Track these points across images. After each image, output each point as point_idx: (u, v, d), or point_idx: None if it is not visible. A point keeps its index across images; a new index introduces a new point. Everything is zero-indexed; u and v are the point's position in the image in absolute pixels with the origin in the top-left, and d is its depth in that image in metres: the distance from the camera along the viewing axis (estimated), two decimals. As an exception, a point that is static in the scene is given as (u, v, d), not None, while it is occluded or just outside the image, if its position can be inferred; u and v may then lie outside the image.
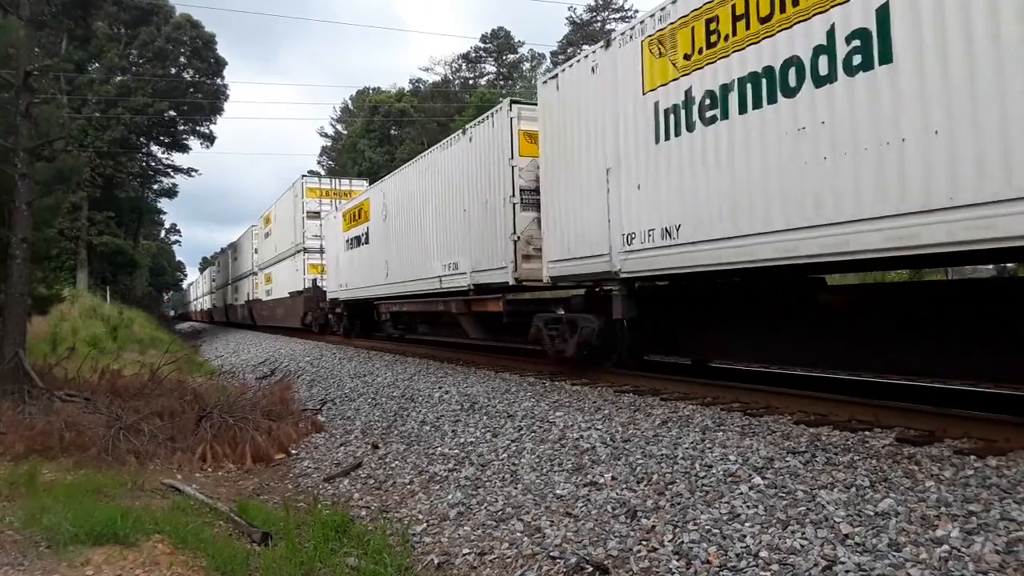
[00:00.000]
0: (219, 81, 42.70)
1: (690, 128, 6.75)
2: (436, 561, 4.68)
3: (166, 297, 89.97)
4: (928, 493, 3.93)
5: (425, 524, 5.36)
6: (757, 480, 4.53)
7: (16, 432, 7.37)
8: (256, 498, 6.52)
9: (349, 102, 66.52)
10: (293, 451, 8.36)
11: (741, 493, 4.41)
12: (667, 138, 7.02)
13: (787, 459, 4.77)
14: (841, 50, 5.27)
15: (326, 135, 69.60)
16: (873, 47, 5.06)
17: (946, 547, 3.36)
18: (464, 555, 4.68)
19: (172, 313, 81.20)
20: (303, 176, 26.68)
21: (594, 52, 8.29)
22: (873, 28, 5.04)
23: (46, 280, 12.05)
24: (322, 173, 51.46)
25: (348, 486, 6.74)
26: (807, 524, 3.85)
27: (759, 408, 6.47)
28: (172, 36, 39.06)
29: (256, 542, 5.00)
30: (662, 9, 7.14)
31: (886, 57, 4.98)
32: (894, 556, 3.38)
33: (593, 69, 8.20)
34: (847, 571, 3.36)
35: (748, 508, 4.20)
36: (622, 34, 7.80)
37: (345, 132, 65.78)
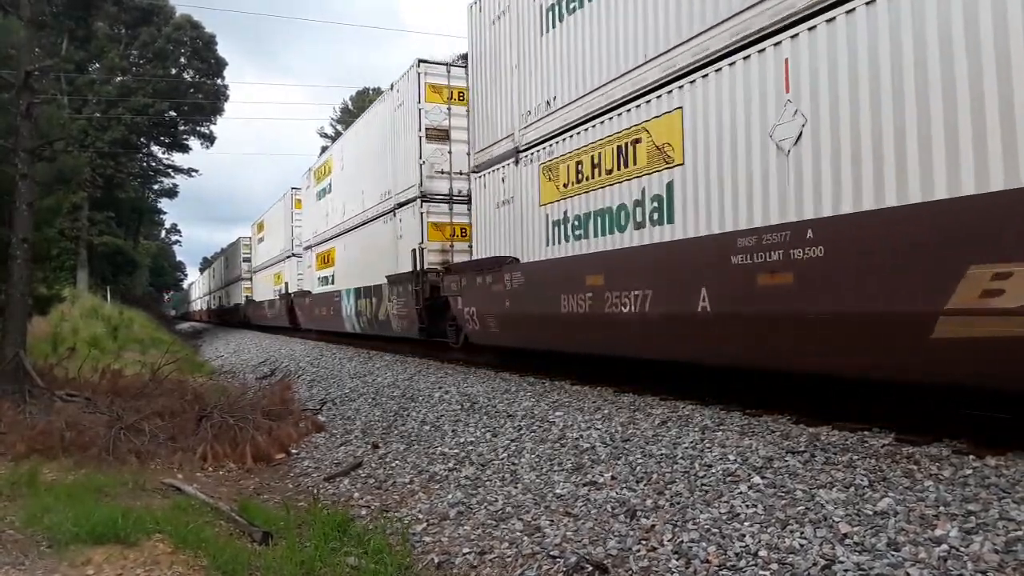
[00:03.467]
0: (219, 81, 42.76)
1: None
2: (436, 560, 4.69)
3: (166, 297, 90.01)
4: (927, 492, 3.94)
5: (425, 523, 5.37)
6: (756, 480, 4.54)
7: (17, 432, 7.38)
8: (257, 498, 6.53)
9: (349, 102, 66.47)
10: (293, 451, 8.37)
11: (740, 492, 4.42)
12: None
13: (786, 459, 4.78)
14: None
15: (326, 135, 69.60)
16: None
17: (945, 546, 3.37)
18: (464, 554, 4.69)
19: (173, 313, 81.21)
20: None
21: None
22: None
23: (47, 280, 12.07)
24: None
25: (348, 486, 6.75)
26: (806, 523, 3.86)
27: (758, 408, 6.47)
28: (172, 37, 39.07)
29: (257, 541, 5.00)
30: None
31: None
32: (893, 555, 3.39)
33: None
34: (846, 570, 3.36)
35: (747, 507, 4.21)
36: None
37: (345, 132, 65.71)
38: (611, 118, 7.85)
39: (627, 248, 7.57)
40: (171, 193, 52.80)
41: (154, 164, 46.93)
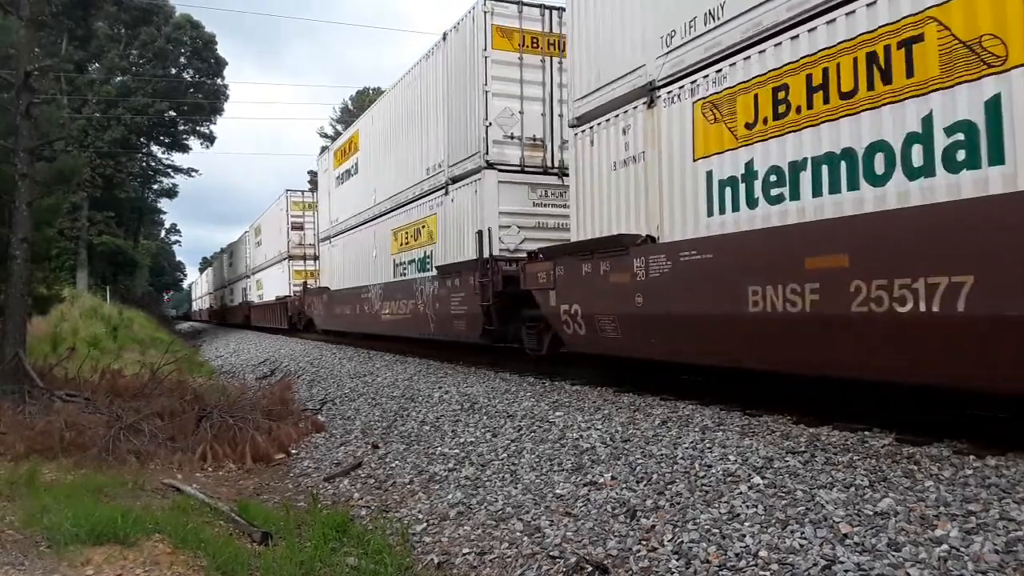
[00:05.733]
0: (219, 81, 42.79)
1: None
2: (436, 561, 4.69)
3: (166, 297, 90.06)
4: (927, 493, 3.93)
5: (425, 524, 5.37)
6: (756, 480, 4.54)
7: (17, 432, 7.37)
8: (256, 498, 6.53)
9: (349, 102, 66.48)
10: (293, 451, 8.37)
11: (740, 493, 4.41)
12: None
13: (786, 459, 4.77)
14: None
15: (326, 135, 69.63)
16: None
17: (945, 547, 3.36)
18: (464, 555, 4.69)
19: (174, 313, 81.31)
20: None
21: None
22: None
23: (46, 280, 12.06)
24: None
25: (348, 486, 6.74)
26: (806, 524, 3.85)
27: (759, 408, 6.47)
28: (172, 36, 39.10)
29: (256, 542, 5.00)
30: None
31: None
32: (893, 556, 3.38)
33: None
34: (846, 571, 3.36)
35: (747, 508, 4.20)
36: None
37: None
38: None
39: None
40: (171, 193, 52.86)
41: (154, 164, 46.99)
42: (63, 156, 13.50)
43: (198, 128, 44.28)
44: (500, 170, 11.00)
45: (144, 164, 45.46)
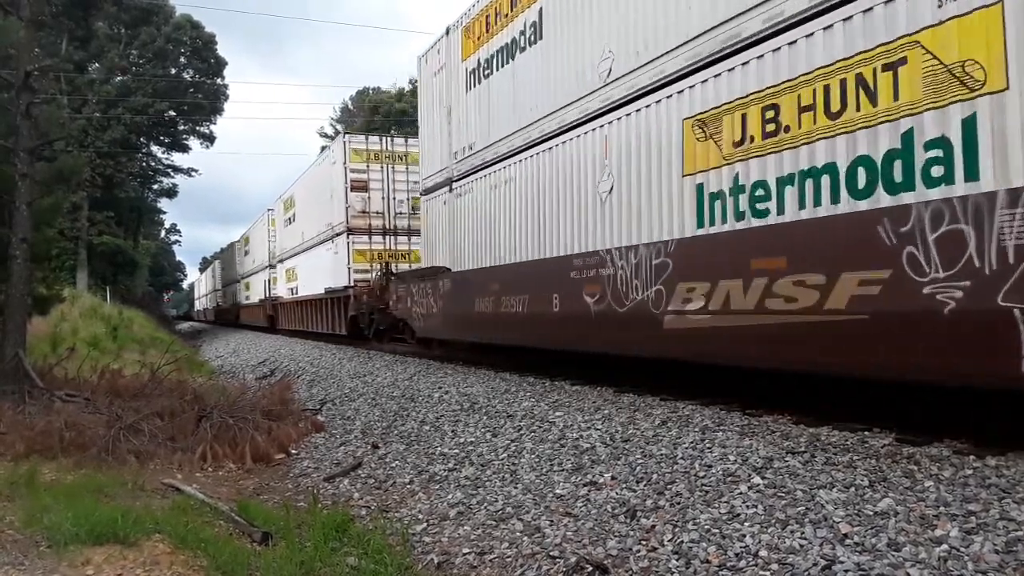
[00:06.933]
0: (219, 81, 42.80)
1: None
2: (436, 561, 4.69)
3: (166, 297, 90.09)
4: (927, 493, 3.94)
5: (425, 524, 5.37)
6: (756, 480, 4.54)
7: (17, 432, 7.38)
8: (256, 498, 6.53)
9: (349, 102, 66.50)
10: (293, 451, 8.37)
11: (740, 493, 4.41)
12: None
13: (786, 459, 4.77)
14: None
15: (326, 135, 69.62)
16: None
17: (945, 547, 3.36)
18: (464, 555, 4.69)
19: (174, 313, 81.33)
20: None
21: None
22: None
23: (46, 280, 12.05)
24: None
25: (348, 486, 6.74)
26: (806, 524, 3.86)
27: (759, 408, 6.47)
28: (172, 36, 39.13)
29: (256, 542, 5.00)
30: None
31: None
32: (893, 556, 3.38)
33: None
34: (846, 570, 3.36)
35: (747, 508, 4.20)
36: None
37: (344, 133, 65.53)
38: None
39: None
40: (171, 193, 52.79)
41: (154, 164, 46.99)
42: (63, 156, 13.51)
43: (198, 128, 44.30)
44: None
45: (144, 164, 45.45)
